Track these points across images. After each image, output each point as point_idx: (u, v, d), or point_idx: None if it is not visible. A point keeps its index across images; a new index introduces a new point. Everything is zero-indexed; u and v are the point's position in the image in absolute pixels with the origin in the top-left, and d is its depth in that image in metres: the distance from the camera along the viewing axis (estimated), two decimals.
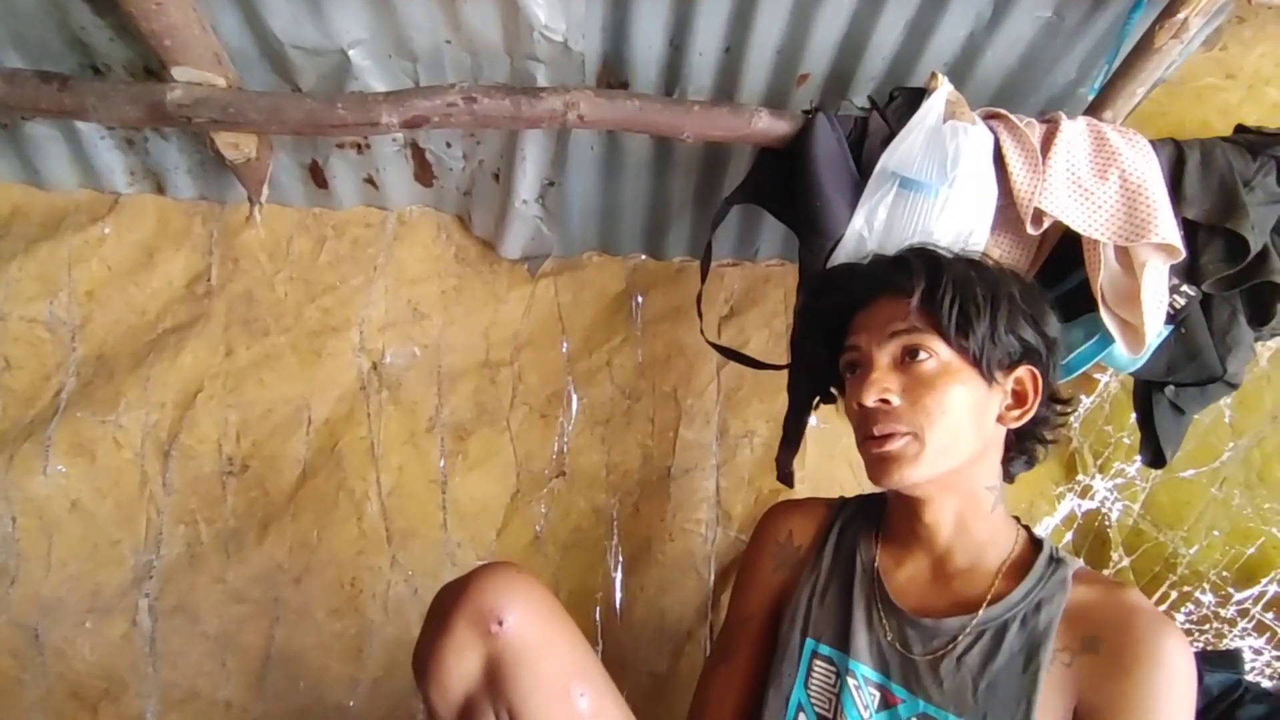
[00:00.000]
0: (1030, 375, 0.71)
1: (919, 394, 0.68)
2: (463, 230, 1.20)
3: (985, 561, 0.71)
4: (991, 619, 0.67)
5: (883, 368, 0.70)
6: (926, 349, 0.68)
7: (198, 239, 1.14)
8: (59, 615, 1.04)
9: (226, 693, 1.06)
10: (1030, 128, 0.91)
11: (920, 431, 0.67)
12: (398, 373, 1.16)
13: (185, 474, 1.10)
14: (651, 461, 1.22)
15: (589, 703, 0.66)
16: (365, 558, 1.11)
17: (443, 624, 0.65)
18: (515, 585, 0.66)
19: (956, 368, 0.68)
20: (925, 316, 0.69)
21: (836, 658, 0.73)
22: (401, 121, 0.92)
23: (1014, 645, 0.65)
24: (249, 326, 1.13)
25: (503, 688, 0.63)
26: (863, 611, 0.73)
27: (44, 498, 1.06)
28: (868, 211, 0.84)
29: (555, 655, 0.66)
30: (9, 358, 1.07)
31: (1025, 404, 0.70)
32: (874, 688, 0.70)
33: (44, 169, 1.08)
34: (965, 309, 0.67)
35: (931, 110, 0.85)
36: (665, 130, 0.96)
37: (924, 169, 0.83)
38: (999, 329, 0.68)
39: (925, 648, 0.68)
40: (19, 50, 0.97)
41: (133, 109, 0.90)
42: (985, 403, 0.69)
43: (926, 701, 0.67)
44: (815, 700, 0.72)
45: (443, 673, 0.65)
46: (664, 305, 1.23)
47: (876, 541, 0.77)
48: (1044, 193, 0.89)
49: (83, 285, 1.10)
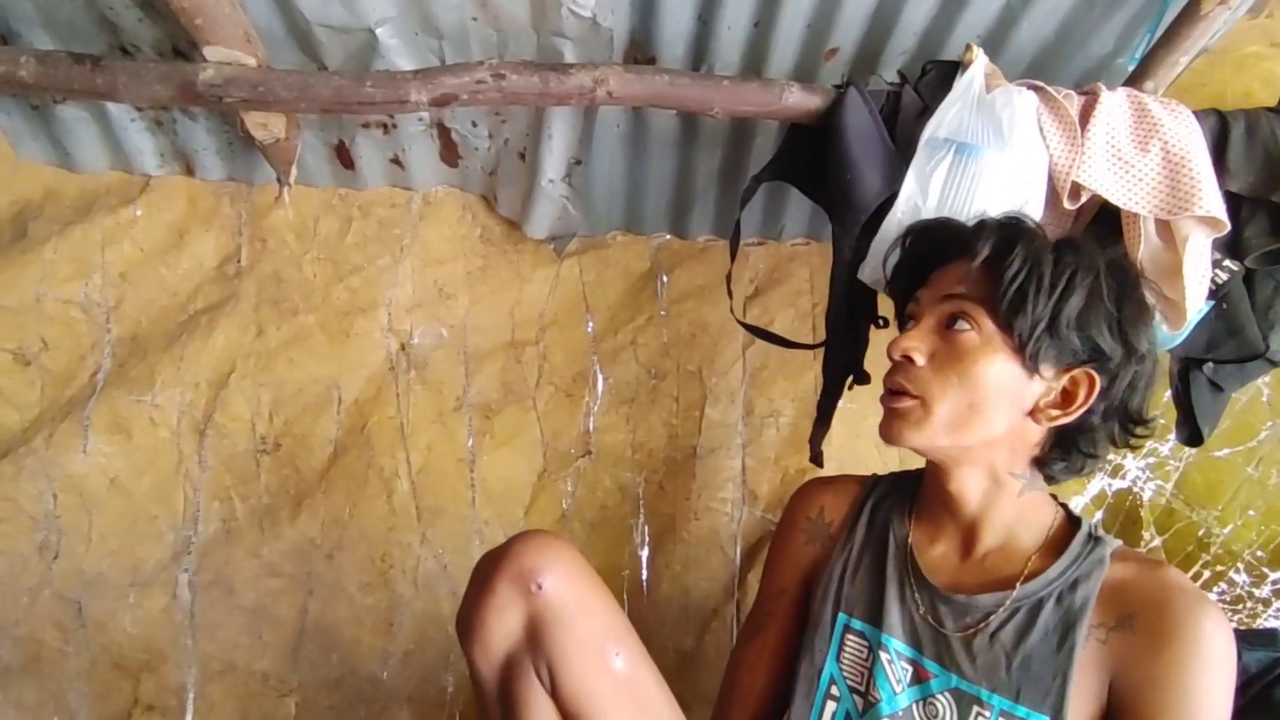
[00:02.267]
0: (1088, 379, 0.65)
1: (945, 362, 0.66)
2: (488, 210, 1.20)
3: (1018, 539, 0.70)
4: (1027, 596, 0.66)
5: (925, 327, 0.69)
6: (969, 319, 0.66)
7: (227, 220, 1.14)
8: (101, 589, 1.07)
9: (263, 664, 1.09)
10: (1069, 100, 0.89)
11: (929, 398, 0.66)
12: (425, 353, 1.17)
13: (220, 452, 1.11)
14: (677, 440, 1.22)
15: (624, 662, 0.68)
16: (396, 534, 1.13)
17: (485, 585, 0.67)
18: (553, 549, 0.68)
19: (996, 347, 0.65)
20: (983, 285, 0.65)
21: (869, 632, 0.73)
22: (430, 99, 0.92)
23: (1049, 622, 0.65)
24: (278, 306, 1.14)
25: (543, 645, 0.65)
26: (895, 587, 0.73)
27: (83, 475, 1.08)
28: (920, 179, 0.83)
29: (592, 616, 0.68)
30: (46, 339, 1.09)
31: (1070, 407, 0.65)
32: (906, 662, 0.70)
33: (75, 151, 1.09)
34: (1024, 287, 0.63)
35: (973, 81, 0.84)
36: (694, 106, 0.95)
37: (979, 134, 0.81)
38: (1061, 321, 0.63)
39: (958, 623, 0.68)
40: (49, 31, 0.98)
41: (164, 89, 0.91)
42: (1019, 392, 0.65)
43: (959, 676, 0.67)
44: (848, 673, 0.73)
45: (486, 631, 0.67)
46: (689, 284, 1.23)
47: (909, 518, 0.77)
48: (1082, 166, 0.87)
49: (116, 267, 1.11)
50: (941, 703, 0.67)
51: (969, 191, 0.81)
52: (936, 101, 0.91)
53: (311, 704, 1.09)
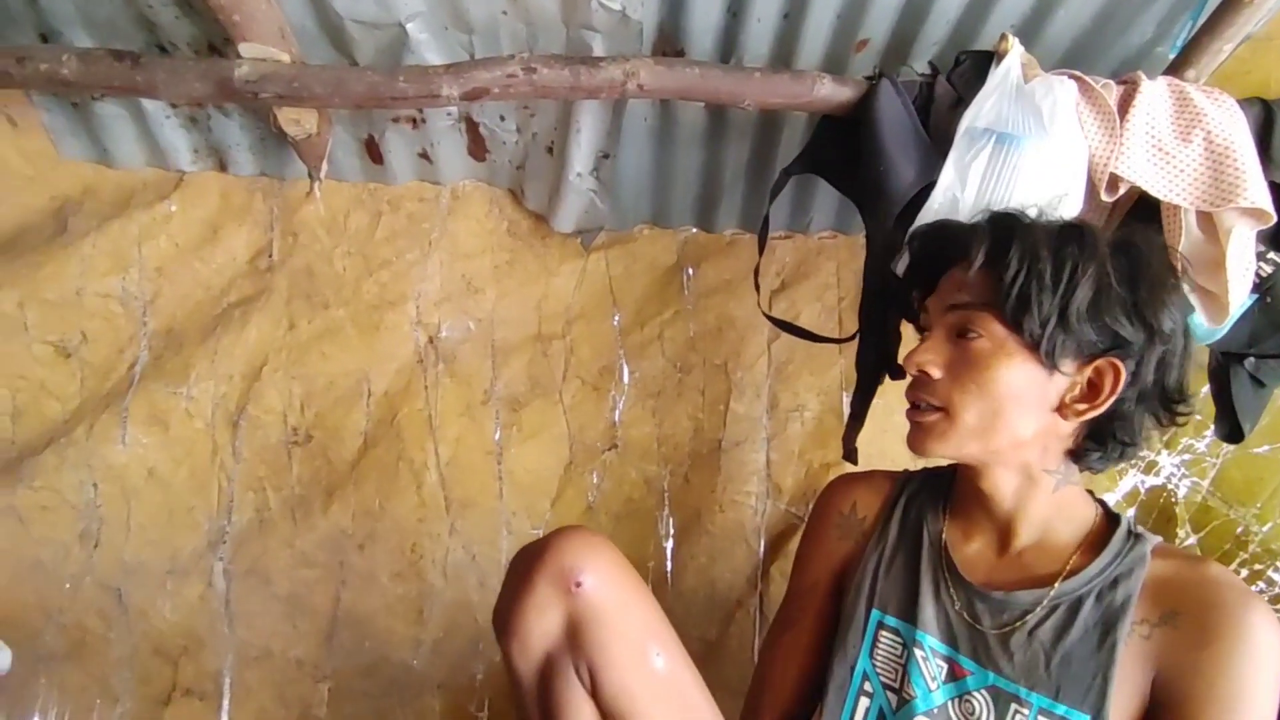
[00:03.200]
0: (1111, 368, 0.63)
1: (961, 371, 0.66)
2: (514, 204, 1.21)
3: (1056, 537, 0.70)
4: (1066, 593, 0.66)
5: (937, 338, 0.69)
6: (978, 327, 0.65)
7: (259, 215, 1.16)
8: (141, 577, 1.10)
9: (298, 651, 1.11)
10: (1107, 89, 0.88)
11: (952, 409, 0.66)
12: (453, 346, 1.18)
13: (253, 443, 1.13)
14: (702, 434, 1.22)
15: (664, 662, 0.67)
16: (425, 525, 1.15)
17: (524, 583, 0.67)
18: (593, 547, 0.67)
19: (1010, 350, 0.64)
20: (985, 291, 0.65)
21: (903, 629, 0.73)
22: (462, 93, 0.92)
23: (1089, 620, 0.64)
24: (310, 300, 1.15)
25: (583, 645, 0.65)
26: (930, 583, 0.72)
27: (122, 466, 1.10)
28: (959, 170, 0.82)
29: (632, 616, 0.67)
30: (85, 332, 1.12)
31: (1097, 399, 0.64)
32: (941, 659, 0.70)
33: (113, 148, 1.11)
34: (1025, 288, 0.62)
35: (1010, 71, 0.83)
36: (726, 98, 0.95)
37: (1020, 124, 0.80)
38: (1071, 315, 0.61)
39: (995, 621, 0.68)
40: (88, 29, 1.00)
41: (201, 85, 0.92)
42: (1041, 391, 0.64)
43: (996, 674, 0.66)
44: (881, 670, 0.73)
45: (524, 629, 0.66)
46: (715, 278, 1.23)
47: (943, 514, 0.76)
48: (1121, 157, 0.86)
49: (152, 261, 1.13)
50: (978, 700, 0.67)
51: (1008, 182, 0.80)
52: (971, 92, 0.89)
53: (345, 690, 1.11)
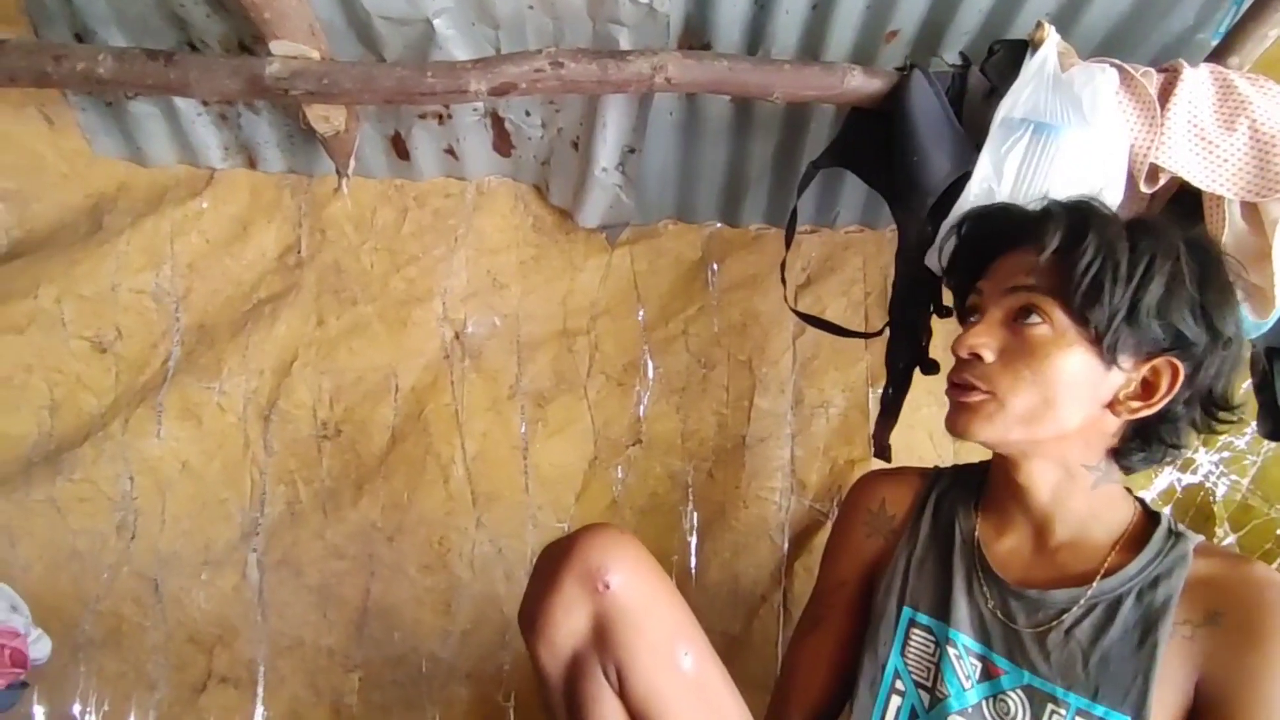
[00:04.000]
0: (1170, 368, 0.62)
1: (1016, 357, 0.64)
2: (540, 200, 1.21)
3: (1093, 534, 0.68)
4: (1105, 592, 0.65)
5: (992, 321, 0.66)
6: (1042, 312, 0.63)
7: (288, 211, 1.17)
8: (176, 567, 1.12)
9: (329, 641, 1.13)
10: (1147, 77, 0.86)
11: (1001, 393, 0.64)
12: (479, 341, 1.19)
13: (284, 437, 1.15)
14: (726, 430, 1.22)
15: (693, 662, 0.67)
16: (453, 519, 1.16)
17: (551, 582, 0.67)
18: (620, 546, 0.67)
19: (1071, 340, 0.62)
20: (1053, 277, 0.63)
21: (935, 627, 0.72)
22: (490, 88, 0.92)
23: (1129, 619, 0.63)
24: (338, 296, 1.16)
25: (611, 645, 0.65)
26: (962, 581, 0.72)
27: (157, 458, 1.12)
28: (995, 161, 0.81)
29: (660, 615, 0.67)
30: (120, 327, 1.14)
31: (1152, 398, 0.63)
32: (975, 658, 0.69)
33: (146, 146, 1.13)
34: (1100, 277, 0.60)
35: (1047, 60, 0.81)
36: (755, 91, 0.94)
37: (1058, 113, 0.79)
38: (1140, 310, 0.60)
39: (1030, 619, 0.67)
40: (121, 28, 1.01)
41: (233, 82, 0.93)
42: (1096, 384, 0.63)
43: (1032, 673, 0.66)
44: (913, 668, 0.72)
45: (552, 629, 0.66)
46: (740, 273, 1.22)
47: (976, 511, 0.76)
48: (1161, 147, 0.84)
49: (184, 258, 1.15)
50: (1013, 700, 0.66)
51: (1046, 173, 0.79)
52: (1005, 82, 0.88)
53: (375, 679, 1.13)
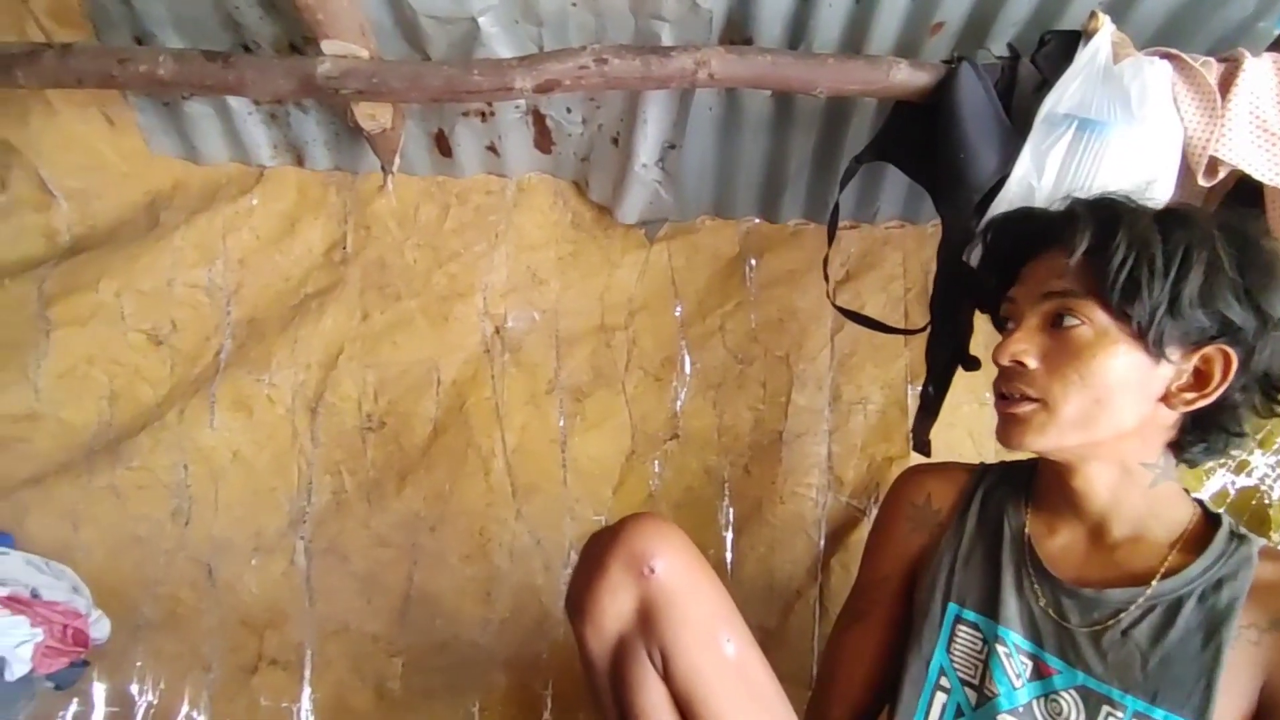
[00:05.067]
0: (1221, 356, 0.61)
1: (1060, 361, 0.63)
2: (579, 196, 1.22)
3: (1152, 534, 0.67)
4: (1165, 593, 0.63)
5: (1030, 327, 0.66)
6: (1080, 314, 0.63)
7: (333, 208, 1.20)
8: (229, 553, 1.16)
9: (373, 627, 1.16)
10: (1207, 67, 0.84)
11: (1051, 400, 0.64)
12: (519, 336, 1.20)
13: (330, 429, 1.18)
14: (763, 425, 1.22)
15: (735, 648, 0.68)
16: (493, 510, 1.18)
17: (598, 566, 0.68)
18: (665, 534, 0.68)
19: (1114, 338, 0.62)
20: (1087, 278, 0.62)
21: (983, 624, 0.71)
22: (535, 85, 0.93)
23: (1190, 622, 0.62)
24: (382, 291, 1.19)
25: (656, 629, 0.66)
26: (1012, 577, 0.71)
27: (210, 448, 1.16)
28: (1036, 157, 0.79)
29: (704, 602, 0.68)
30: (176, 321, 1.17)
31: (1206, 388, 0.62)
32: (1025, 656, 0.68)
33: (200, 144, 1.16)
34: (1136, 273, 0.59)
35: (1099, 51, 0.80)
36: (798, 86, 0.93)
37: (1105, 109, 0.77)
38: (1182, 301, 0.59)
39: (1084, 618, 0.66)
40: (178, 31, 1.04)
41: (287, 82, 0.96)
42: (1146, 380, 0.62)
43: (1086, 673, 0.65)
44: (959, 665, 0.72)
45: (598, 612, 0.68)
46: (778, 269, 1.22)
47: (1025, 508, 0.75)
48: (1221, 139, 0.82)
49: (235, 253, 1.18)
50: (1066, 700, 0.65)
51: (1089, 171, 0.77)
52: (1056, 74, 0.86)
53: (418, 665, 1.15)
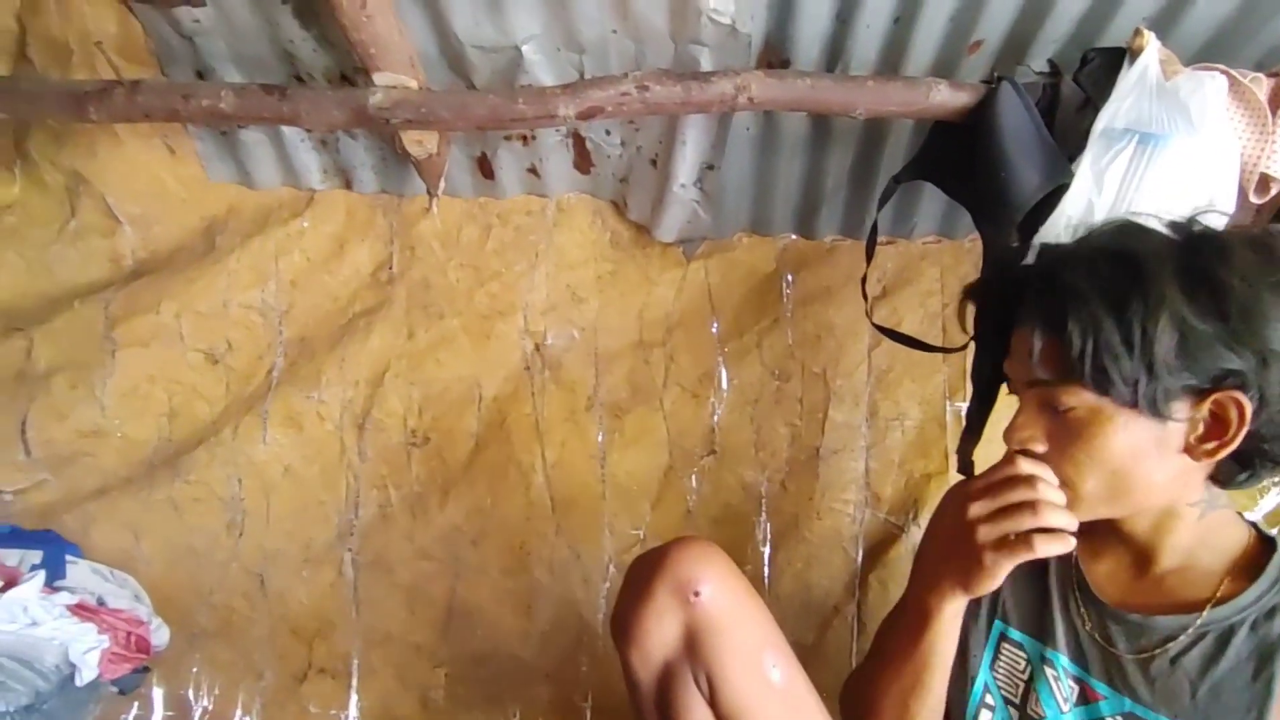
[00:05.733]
0: (1234, 404, 0.58)
1: (1066, 443, 0.62)
2: (617, 215, 1.24)
3: (1202, 561, 0.66)
4: (1215, 621, 0.62)
5: (1029, 411, 0.65)
6: (1067, 400, 0.61)
7: (380, 230, 1.24)
8: (280, 564, 1.20)
9: (417, 637, 1.19)
10: (1256, 83, 0.83)
11: (1069, 483, 0.62)
12: (558, 354, 1.23)
13: (376, 445, 1.22)
14: (800, 441, 1.23)
15: (781, 674, 0.68)
16: (533, 524, 1.20)
17: (643, 591, 0.69)
18: (710, 558, 0.69)
19: (1110, 414, 0.59)
20: (1058, 363, 0.60)
21: (1029, 644, 0.71)
22: (578, 113, 0.96)
23: (1242, 651, 0.61)
24: (427, 311, 1.22)
25: (702, 654, 0.66)
26: (1059, 599, 0.70)
27: (263, 463, 1.21)
28: (1096, 172, 0.79)
29: (749, 627, 0.69)
30: (231, 341, 1.22)
31: (1226, 434, 0.59)
32: (1073, 680, 0.68)
33: (254, 170, 1.21)
34: (1098, 360, 0.57)
35: (1148, 68, 0.79)
36: (837, 109, 0.94)
37: (1164, 123, 0.76)
38: (1159, 369, 0.56)
39: (1132, 644, 0.65)
40: (237, 65, 1.09)
41: (340, 113, 0.99)
42: (1160, 441, 0.60)
43: (1134, 700, 0.64)
44: (1002, 684, 0.72)
45: (644, 637, 0.69)
46: (814, 285, 1.22)
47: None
48: (1273, 155, 0.81)
49: (287, 275, 1.23)
50: None
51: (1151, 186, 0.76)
52: (1101, 92, 0.86)
53: (461, 676, 1.18)
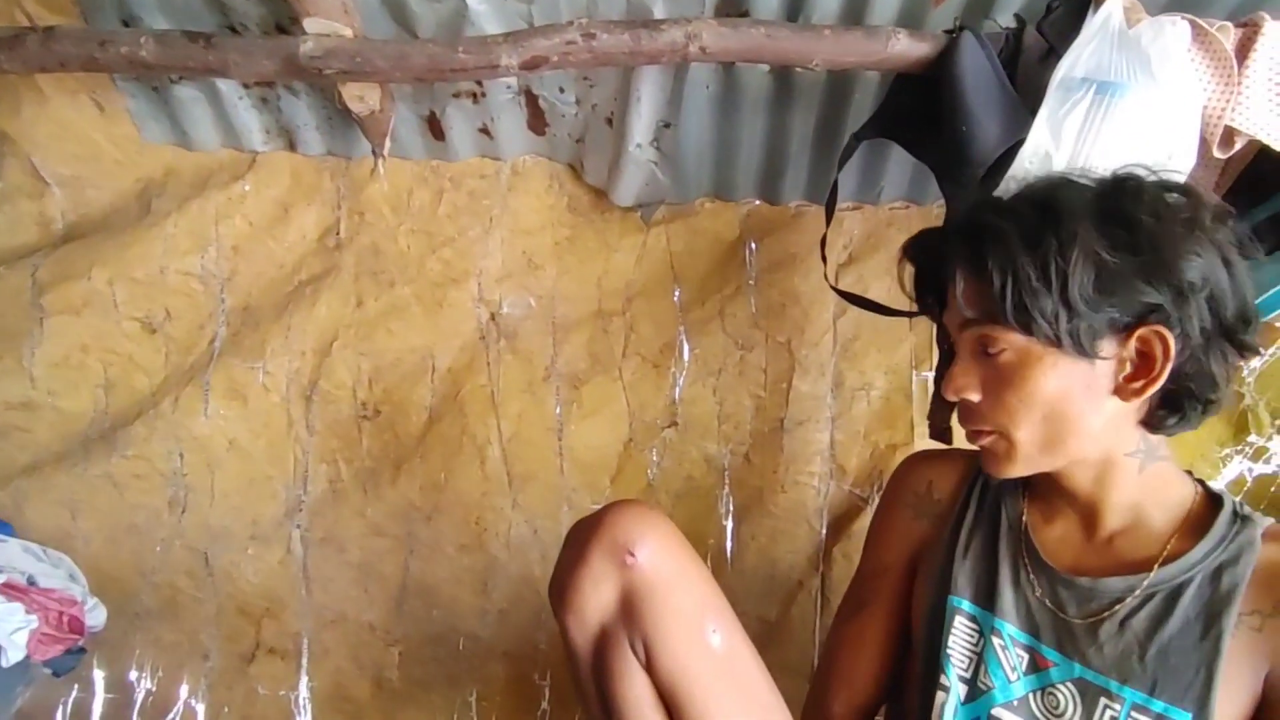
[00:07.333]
0: (1156, 337, 0.57)
1: (999, 389, 0.62)
2: (574, 179, 1.20)
3: (1149, 520, 0.64)
4: (1163, 581, 0.61)
5: (965, 359, 0.65)
6: (996, 341, 0.61)
7: (326, 194, 1.18)
8: (226, 542, 1.16)
9: (370, 616, 1.15)
10: (1224, 32, 0.80)
11: (1004, 431, 0.63)
12: (514, 323, 1.19)
13: (325, 417, 1.17)
14: (764, 413, 1.20)
15: (721, 639, 0.66)
16: (489, 499, 1.16)
17: (579, 554, 0.67)
18: (648, 520, 0.67)
19: (1038, 354, 0.60)
20: (983, 302, 0.61)
21: (980, 616, 0.69)
22: (521, 62, 0.91)
23: (1190, 610, 0.59)
24: (376, 278, 1.17)
25: (638, 619, 0.64)
26: (1009, 569, 0.69)
27: (206, 436, 1.16)
28: (1053, 124, 0.76)
29: (688, 590, 0.67)
30: (169, 309, 1.17)
31: (1152, 370, 0.58)
32: (1022, 649, 0.66)
33: (191, 131, 1.15)
34: (1017, 296, 0.57)
35: (1111, 15, 0.76)
36: (794, 59, 0.90)
37: (1123, 71, 0.73)
38: (1076, 305, 0.56)
39: (1081, 609, 0.64)
40: (164, 13, 1.03)
41: (270, 63, 0.94)
42: (1089, 382, 0.60)
43: (1083, 666, 0.62)
44: (955, 659, 0.70)
45: (580, 601, 0.66)
46: (779, 252, 1.19)
47: (1023, 496, 0.72)
48: (1238, 107, 0.78)
49: (228, 240, 1.17)
50: (1063, 694, 0.63)
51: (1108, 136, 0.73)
52: (1064, 42, 0.83)
53: (415, 655, 1.15)
